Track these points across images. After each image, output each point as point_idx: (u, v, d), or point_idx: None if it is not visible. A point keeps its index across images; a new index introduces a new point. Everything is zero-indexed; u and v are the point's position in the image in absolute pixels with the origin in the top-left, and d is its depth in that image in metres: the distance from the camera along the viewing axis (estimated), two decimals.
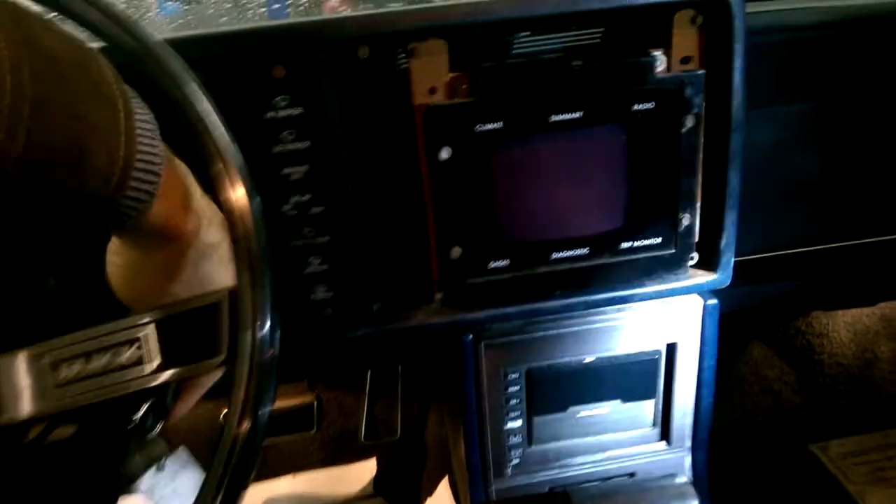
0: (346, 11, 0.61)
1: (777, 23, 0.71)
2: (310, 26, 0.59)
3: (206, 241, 0.48)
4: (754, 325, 1.53)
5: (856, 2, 0.77)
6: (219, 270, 0.48)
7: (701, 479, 0.82)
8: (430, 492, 1.38)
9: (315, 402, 1.45)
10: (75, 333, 0.43)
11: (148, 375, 0.42)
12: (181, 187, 0.45)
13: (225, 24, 0.95)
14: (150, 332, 0.43)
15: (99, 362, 0.43)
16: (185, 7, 1.12)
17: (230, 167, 0.42)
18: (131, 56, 0.42)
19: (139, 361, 0.42)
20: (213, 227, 0.48)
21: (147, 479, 0.52)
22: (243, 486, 0.41)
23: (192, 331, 0.43)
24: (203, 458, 1.06)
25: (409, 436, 1.49)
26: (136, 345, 0.43)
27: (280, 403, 1.40)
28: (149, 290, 0.47)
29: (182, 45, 0.47)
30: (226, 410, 0.42)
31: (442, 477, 1.38)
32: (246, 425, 0.41)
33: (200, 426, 1.18)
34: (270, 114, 0.59)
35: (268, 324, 0.41)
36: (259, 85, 0.58)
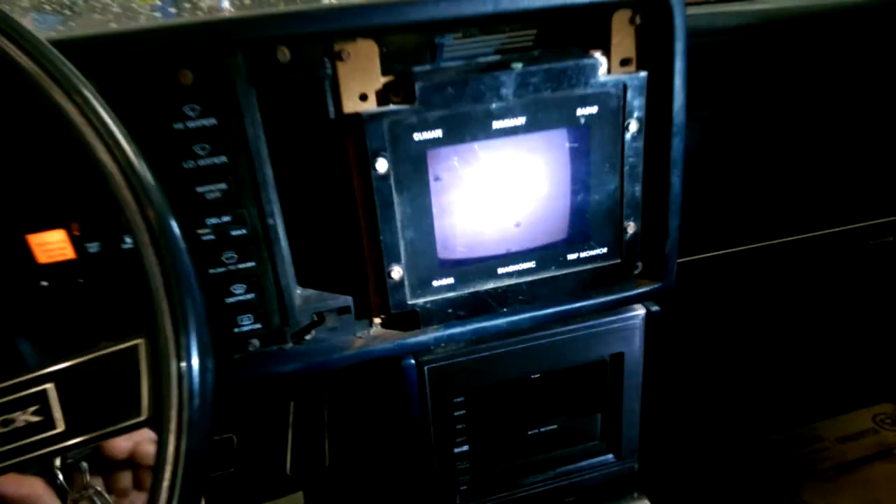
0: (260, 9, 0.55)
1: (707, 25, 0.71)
2: (221, 25, 0.52)
3: None
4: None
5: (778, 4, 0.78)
6: None
7: (652, 490, 0.80)
8: None
9: (234, 438, 1.35)
10: None
11: (51, 443, 0.35)
12: None
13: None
14: (48, 390, 0.35)
15: None
16: (64, 15, 1.02)
17: (136, 181, 0.35)
18: (8, 60, 0.35)
19: (38, 428, 0.35)
20: None
21: None
22: None
23: (105, 384, 0.35)
24: None
25: (339, 464, 1.41)
26: (33, 408, 0.35)
27: None
28: None
29: (71, 48, 0.40)
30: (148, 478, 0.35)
31: None
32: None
33: None
34: (179, 125, 0.52)
35: (197, 369, 0.35)
36: (164, 93, 0.51)
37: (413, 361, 0.68)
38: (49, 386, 0.35)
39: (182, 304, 0.35)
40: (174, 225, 0.36)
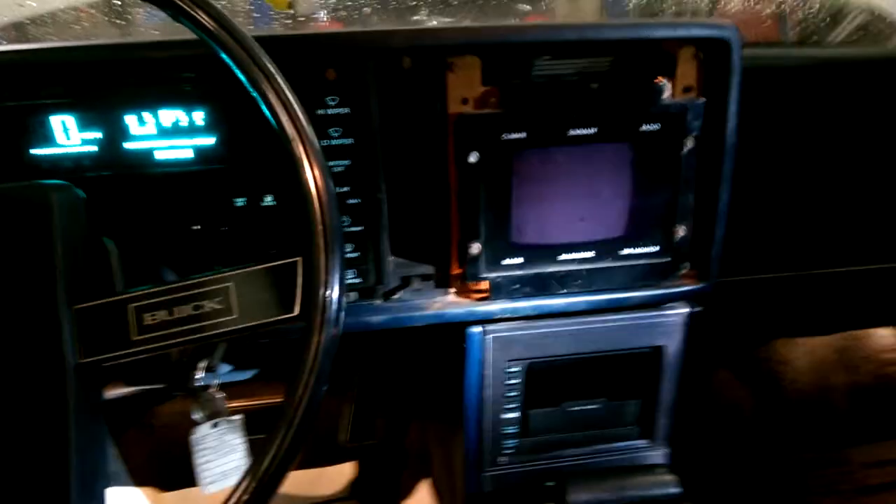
0: (390, 25, 0.68)
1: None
2: (361, 36, 0.66)
3: None
4: (721, 352, 1.62)
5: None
6: None
7: (680, 473, 0.89)
8: (408, 498, 1.42)
9: None
10: (160, 286, 0.49)
11: (228, 325, 0.48)
12: None
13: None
14: (230, 287, 0.48)
15: (182, 312, 0.48)
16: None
17: (310, 150, 0.49)
18: (228, 49, 0.49)
19: (220, 313, 0.48)
20: None
21: (202, 429, 0.57)
22: (303, 442, 0.47)
23: (269, 288, 0.49)
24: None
25: (391, 440, 1.52)
26: (218, 298, 0.48)
27: (260, 401, 1.43)
28: None
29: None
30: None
31: (420, 483, 1.42)
32: (313, 381, 0.46)
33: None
34: (321, 111, 0.66)
35: (337, 286, 0.47)
36: (313, 85, 0.65)
37: (479, 329, 0.80)
38: (230, 284, 0.48)
39: (331, 239, 0.48)
40: (331, 183, 0.49)
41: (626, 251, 0.76)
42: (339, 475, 1.52)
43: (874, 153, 0.95)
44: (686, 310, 0.83)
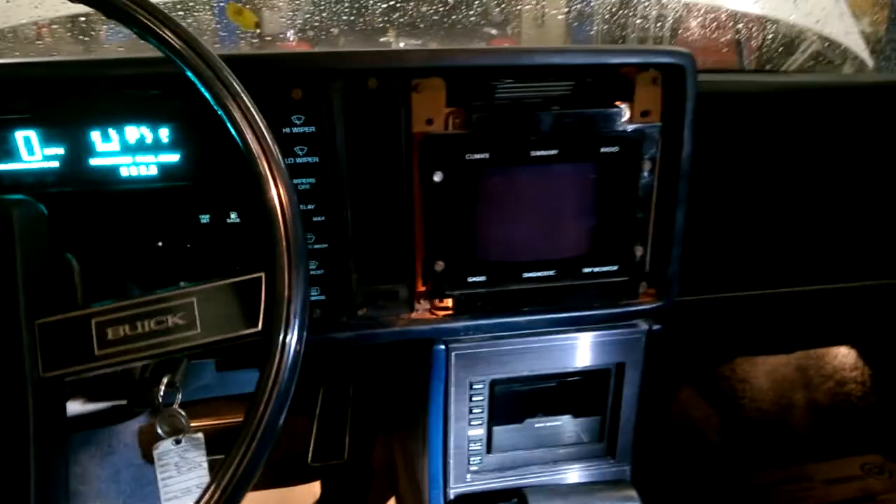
0: (357, 46, 0.70)
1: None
2: (327, 57, 0.67)
3: None
4: (684, 369, 1.66)
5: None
6: None
7: (643, 489, 0.91)
8: None
9: None
10: (123, 301, 0.49)
11: (191, 340, 0.48)
12: None
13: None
14: (193, 302, 0.49)
15: (145, 327, 0.48)
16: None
17: (274, 167, 0.49)
18: (194, 68, 0.49)
19: (183, 328, 0.49)
20: None
21: (163, 445, 0.57)
22: (263, 459, 0.47)
23: (232, 304, 0.49)
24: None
25: (357, 459, 1.51)
26: (181, 313, 0.49)
27: (225, 420, 1.41)
28: None
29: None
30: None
31: (387, 502, 1.41)
32: (274, 397, 0.47)
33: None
34: (286, 130, 0.67)
35: (301, 302, 0.48)
36: (279, 104, 0.66)
37: (443, 347, 0.81)
38: (193, 299, 0.49)
39: (295, 255, 0.49)
40: (296, 200, 0.50)
41: (587, 270, 0.78)
42: (305, 495, 1.51)
43: (830, 175, 0.99)
44: (646, 327, 0.85)
